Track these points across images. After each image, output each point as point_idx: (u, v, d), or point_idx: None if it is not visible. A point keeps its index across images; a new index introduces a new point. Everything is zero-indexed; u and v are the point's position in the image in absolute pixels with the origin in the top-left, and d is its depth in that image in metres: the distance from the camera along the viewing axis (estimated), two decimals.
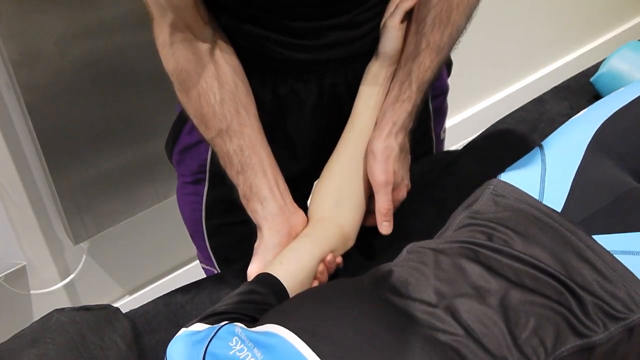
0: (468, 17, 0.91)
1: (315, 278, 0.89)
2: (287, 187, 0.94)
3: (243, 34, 0.91)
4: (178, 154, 1.07)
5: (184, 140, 1.05)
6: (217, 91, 0.89)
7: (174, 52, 0.87)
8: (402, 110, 0.91)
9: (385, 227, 0.91)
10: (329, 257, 0.90)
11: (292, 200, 0.94)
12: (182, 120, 1.01)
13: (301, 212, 0.94)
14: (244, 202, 0.93)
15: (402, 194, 0.95)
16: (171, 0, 0.82)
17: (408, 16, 0.93)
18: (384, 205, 0.91)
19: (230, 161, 0.91)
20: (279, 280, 0.83)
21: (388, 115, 0.92)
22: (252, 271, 0.89)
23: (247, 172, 0.91)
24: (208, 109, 0.89)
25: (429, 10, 0.89)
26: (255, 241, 0.94)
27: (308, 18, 0.89)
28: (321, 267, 0.89)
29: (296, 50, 0.91)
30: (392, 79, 0.95)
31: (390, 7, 0.94)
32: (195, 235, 1.15)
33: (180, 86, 0.89)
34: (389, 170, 0.91)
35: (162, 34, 0.86)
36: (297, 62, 0.93)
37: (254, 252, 0.92)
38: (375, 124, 0.94)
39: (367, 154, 0.93)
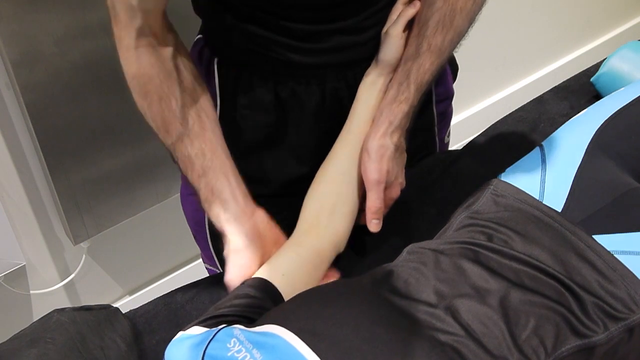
0: (471, 22, 0.91)
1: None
2: (247, 190, 0.92)
3: (246, 34, 0.91)
4: None
5: None
6: (179, 96, 0.88)
7: (138, 56, 0.87)
8: (399, 111, 0.91)
9: (374, 224, 0.91)
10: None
11: (252, 202, 0.92)
12: None
13: (261, 211, 0.92)
14: (205, 206, 0.91)
15: (396, 192, 0.95)
16: (143, 5, 0.82)
17: (409, 23, 0.93)
18: (374, 203, 0.91)
19: (191, 165, 0.90)
20: (274, 287, 0.83)
21: (385, 115, 0.92)
22: (231, 279, 0.86)
23: (209, 175, 0.89)
24: (169, 113, 0.88)
25: (432, 14, 0.89)
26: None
27: (310, 21, 0.89)
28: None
29: (298, 53, 0.91)
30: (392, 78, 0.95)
31: (393, 15, 0.94)
32: (198, 236, 1.15)
33: (141, 90, 0.88)
34: (383, 169, 0.91)
35: (126, 37, 0.86)
36: (298, 65, 0.93)
37: (226, 259, 0.88)
38: (372, 122, 0.94)
39: (361, 151, 0.93)
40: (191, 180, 0.91)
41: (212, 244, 1.14)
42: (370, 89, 0.95)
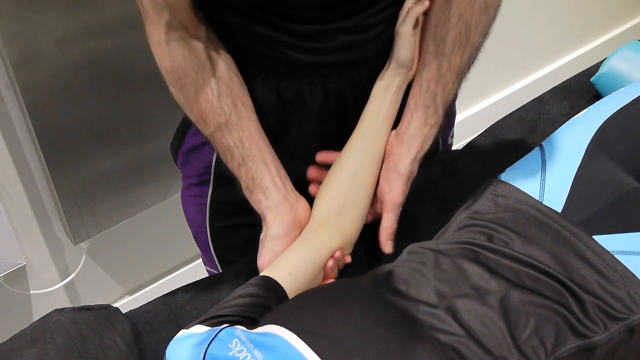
0: (486, 36, 0.91)
1: (325, 276, 0.90)
2: (287, 175, 0.95)
3: (250, 35, 0.91)
4: (183, 155, 1.07)
5: (190, 142, 1.05)
6: (215, 86, 0.89)
7: (170, 51, 0.87)
8: (431, 135, 0.93)
9: (389, 245, 0.93)
10: (338, 254, 0.90)
11: (294, 188, 0.94)
12: (188, 121, 1.01)
13: (303, 200, 0.94)
14: (246, 194, 0.93)
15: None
16: (168, 0, 0.82)
17: (422, 22, 0.92)
18: (392, 225, 0.93)
19: (231, 154, 0.91)
20: (279, 285, 0.83)
21: (417, 140, 0.92)
22: (263, 263, 0.89)
23: (249, 163, 0.91)
24: (206, 105, 0.89)
25: (448, 31, 0.89)
26: (259, 235, 0.94)
27: (315, 21, 0.88)
28: (331, 262, 0.89)
29: (302, 53, 0.91)
30: (411, 96, 0.94)
31: (403, 13, 0.93)
32: (199, 237, 1.15)
33: (177, 84, 0.89)
34: (406, 193, 0.93)
35: (157, 32, 0.86)
36: (303, 65, 0.93)
37: (261, 243, 0.92)
38: (401, 139, 0.94)
39: (391, 170, 0.93)
40: (231, 168, 0.93)
41: (213, 245, 1.14)
42: (385, 93, 0.94)
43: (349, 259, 0.92)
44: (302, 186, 0.98)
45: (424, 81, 0.92)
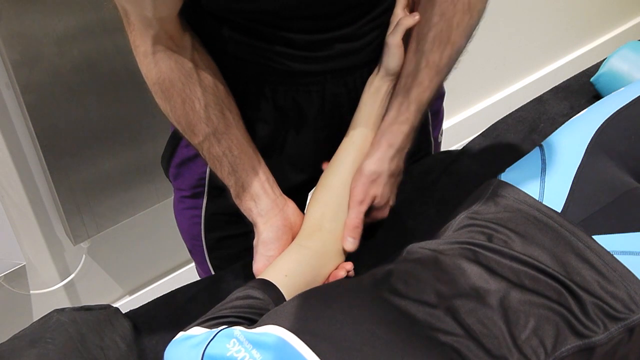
0: (468, 37, 0.90)
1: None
2: (275, 180, 0.95)
3: (245, 45, 0.90)
4: (175, 167, 1.07)
5: (182, 154, 1.04)
6: (202, 96, 0.89)
7: (156, 62, 0.86)
8: (399, 133, 0.91)
9: (349, 243, 0.92)
10: (349, 267, 0.91)
11: (282, 192, 0.95)
12: (179, 134, 1.00)
13: (292, 203, 0.95)
14: (237, 201, 0.94)
15: (383, 213, 0.96)
16: (158, 13, 0.81)
17: (409, 32, 0.92)
18: (352, 222, 0.92)
19: (220, 163, 0.92)
20: (277, 288, 0.83)
21: (385, 137, 0.92)
22: (258, 268, 0.90)
23: (238, 171, 0.91)
24: (194, 115, 0.89)
25: (429, 29, 0.88)
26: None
27: (311, 31, 0.88)
28: (343, 272, 0.90)
29: (298, 62, 0.91)
30: (392, 94, 0.94)
31: (394, 20, 0.93)
32: (195, 250, 1.15)
33: (163, 95, 0.89)
34: (369, 193, 0.92)
35: (143, 44, 0.85)
36: (299, 74, 0.92)
37: (254, 249, 0.93)
38: (375, 138, 0.93)
39: (360, 168, 0.93)
40: (221, 177, 0.93)
41: (210, 257, 1.13)
42: (374, 97, 0.94)
43: (352, 274, 0.93)
44: (297, 194, 0.98)
45: (402, 78, 0.92)
